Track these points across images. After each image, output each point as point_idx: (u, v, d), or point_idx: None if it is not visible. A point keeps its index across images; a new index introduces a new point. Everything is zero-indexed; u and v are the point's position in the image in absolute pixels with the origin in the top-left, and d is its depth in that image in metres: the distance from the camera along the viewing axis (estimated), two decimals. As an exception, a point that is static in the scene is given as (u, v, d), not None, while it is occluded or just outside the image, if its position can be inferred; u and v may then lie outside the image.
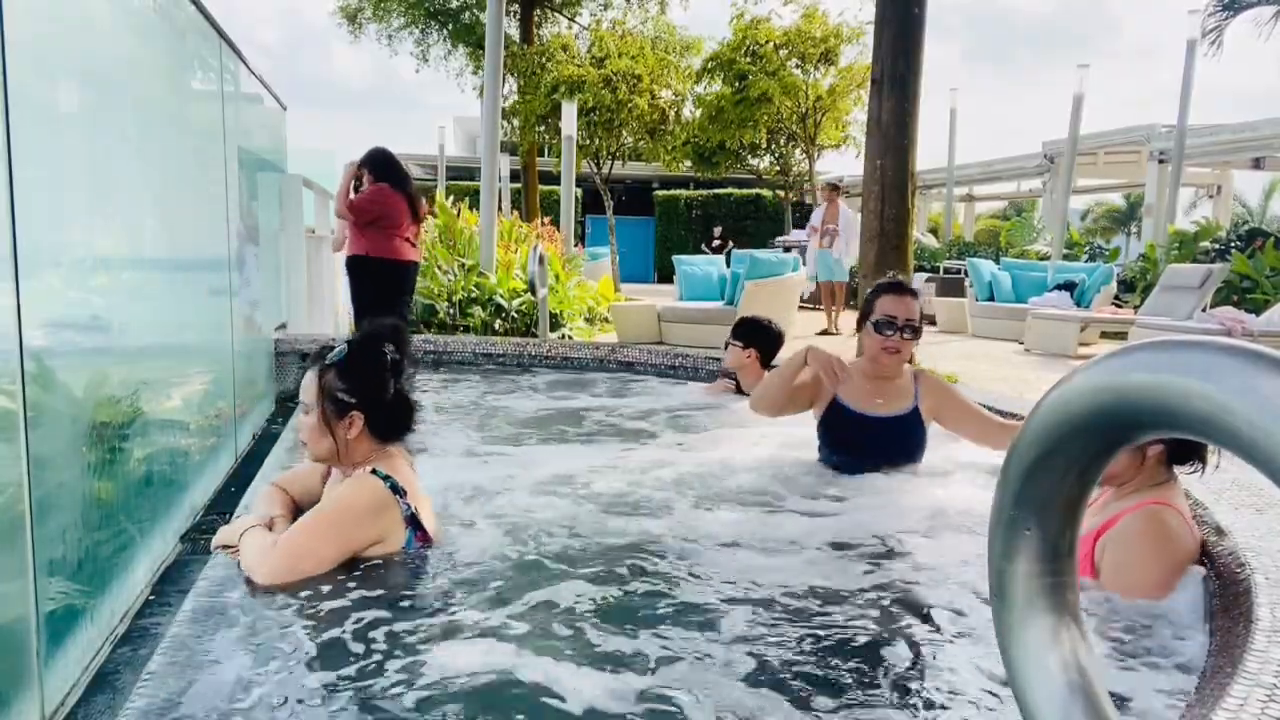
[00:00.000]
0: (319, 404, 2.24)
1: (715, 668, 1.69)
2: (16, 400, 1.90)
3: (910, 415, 3.16)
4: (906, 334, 3.11)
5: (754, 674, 1.68)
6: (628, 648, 1.75)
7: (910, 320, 3.13)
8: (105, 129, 2.73)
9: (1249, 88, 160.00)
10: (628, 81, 19.00)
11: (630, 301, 11.75)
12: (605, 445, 3.65)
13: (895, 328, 3.11)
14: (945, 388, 3.25)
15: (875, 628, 1.90)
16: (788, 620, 1.92)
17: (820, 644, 1.82)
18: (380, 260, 5.78)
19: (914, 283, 10.16)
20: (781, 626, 1.89)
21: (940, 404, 3.20)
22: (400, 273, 5.84)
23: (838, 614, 1.96)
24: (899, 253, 7.86)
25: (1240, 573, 1.84)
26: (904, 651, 1.80)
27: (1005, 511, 0.90)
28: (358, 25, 23.12)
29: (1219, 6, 15.90)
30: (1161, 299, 9.73)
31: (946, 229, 21.78)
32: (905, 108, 7.61)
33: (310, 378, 2.27)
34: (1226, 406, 0.65)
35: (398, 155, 6.13)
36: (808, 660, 1.74)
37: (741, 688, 1.62)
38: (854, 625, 1.91)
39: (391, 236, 5.77)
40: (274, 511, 2.30)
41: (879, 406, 3.15)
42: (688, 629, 1.86)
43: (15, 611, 1.90)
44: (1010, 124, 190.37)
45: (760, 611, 1.96)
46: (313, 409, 2.24)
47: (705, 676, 1.66)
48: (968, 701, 1.60)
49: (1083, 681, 0.90)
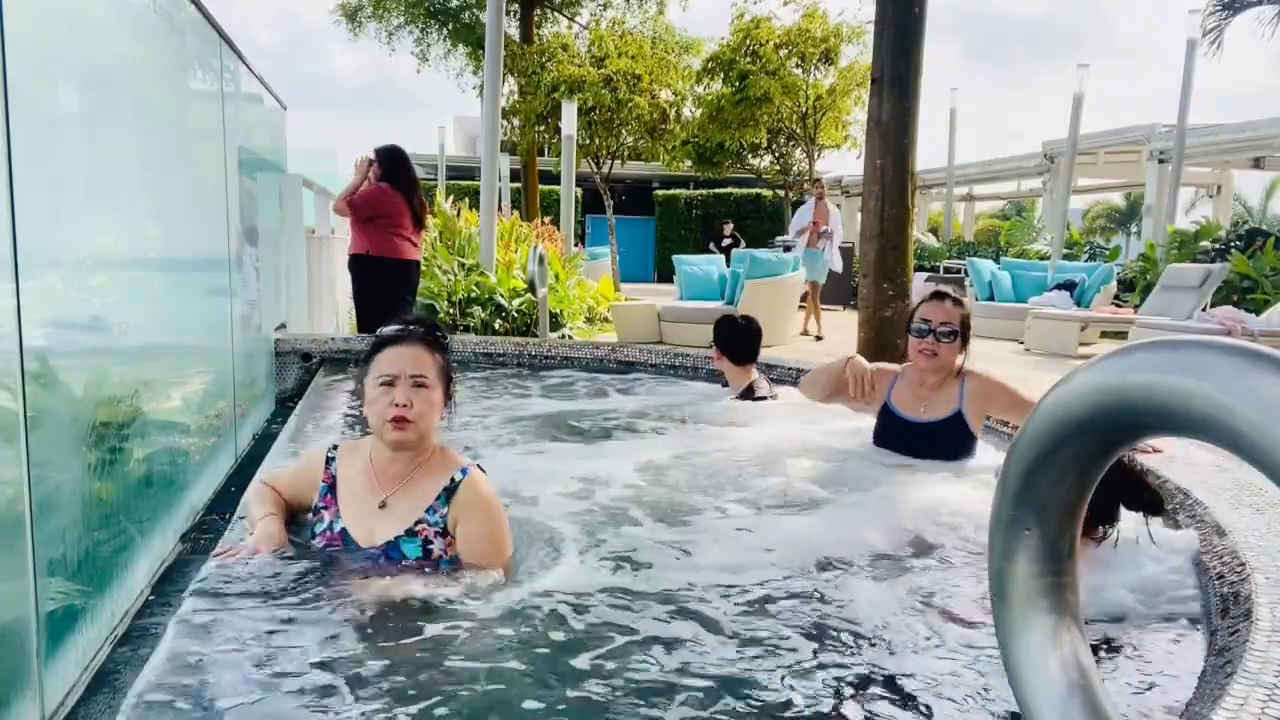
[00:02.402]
0: (443, 380, 2.18)
1: (712, 663, 1.70)
2: (16, 400, 1.90)
3: (950, 420, 3.25)
4: (941, 338, 3.23)
5: (756, 674, 1.68)
6: (633, 647, 1.75)
7: (946, 323, 3.24)
8: (105, 129, 2.74)
9: (1245, 86, 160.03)
10: (628, 81, 18.99)
11: (630, 301, 11.76)
12: (604, 446, 3.65)
13: (929, 330, 3.24)
14: (993, 384, 3.30)
15: (870, 626, 1.90)
16: (782, 619, 1.92)
17: (820, 641, 1.82)
18: (380, 259, 5.80)
19: (914, 283, 10.12)
20: (774, 625, 1.89)
21: (988, 401, 3.29)
22: (401, 271, 5.85)
23: (837, 611, 1.96)
24: (899, 252, 7.86)
25: (1240, 573, 1.84)
26: (903, 650, 1.80)
27: (1005, 511, 0.90)
28: (357, 24, 23.13)
29: (1219, 6, 15.90)
30: (1161, 299, 9.74)
31: (946, 229, 21.78)
32: (905, 107, 7.61)
33: (424, 352, 2.15)
34: (1226, 406, 0.65)
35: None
36: (809, 659, 1.75)
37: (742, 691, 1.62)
38: (851, 623, 1.91)
39: (390, 235, 5.79)
40: (266, 510, 2.22)
41: (921, 412, 3.31)
42: (688, 625, 1.86)
43: (15, 611, 1.90)
44: (1010, 124, 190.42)
45: (754, 608, 1.96)
46: (436, 385, 2.14)
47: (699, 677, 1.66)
48: (968, 700, 1.60)
49: (1083, 681, 0.90)
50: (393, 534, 2.12)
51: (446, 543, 2.12)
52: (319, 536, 2.17)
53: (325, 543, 2.15)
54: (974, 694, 1.62)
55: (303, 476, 2.31)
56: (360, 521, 2.15)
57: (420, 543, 2.11)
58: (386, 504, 2.15)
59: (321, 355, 5.49)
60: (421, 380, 2.11)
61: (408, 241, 5.84)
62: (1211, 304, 9.73)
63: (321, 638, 1.74)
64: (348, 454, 2.26)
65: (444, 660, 1.67)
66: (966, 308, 3.35)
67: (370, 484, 2.18)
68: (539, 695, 1.56)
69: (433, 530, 2.12)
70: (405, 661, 1.66)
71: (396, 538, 2.11)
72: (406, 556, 2.09)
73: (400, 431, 2.10)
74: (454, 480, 2.16)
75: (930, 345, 3.24)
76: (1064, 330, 10.08)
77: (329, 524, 2.17)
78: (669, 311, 9.94)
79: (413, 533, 2.11)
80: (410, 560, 2.09)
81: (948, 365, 3.28)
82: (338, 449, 2.27)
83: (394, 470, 2.18)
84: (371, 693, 1.55)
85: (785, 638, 1.84)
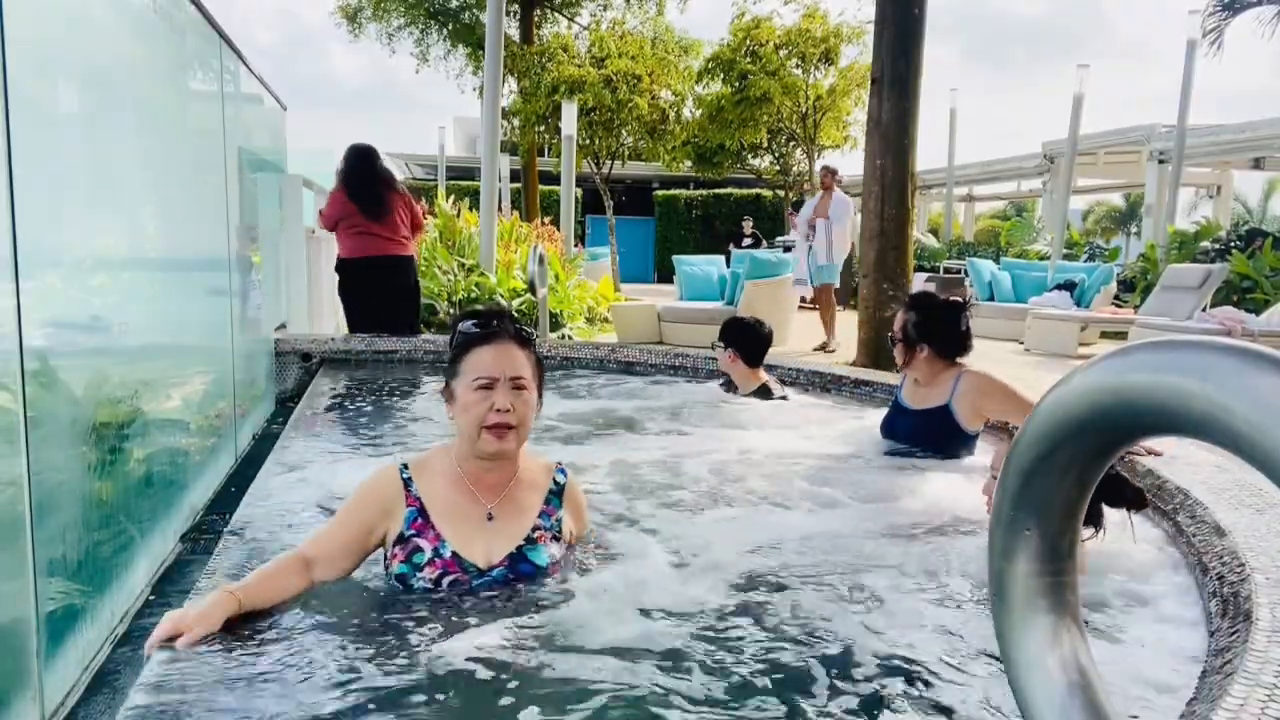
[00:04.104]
0: (537, 379, 2.02)
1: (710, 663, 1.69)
2: (17, 400, 1.90)
3: (938, 411, 3.32)
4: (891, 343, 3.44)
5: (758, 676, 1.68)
6: (641, 640, 1.75)
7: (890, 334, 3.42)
8: (105, 129, 2.74)
9: (1246, 86, 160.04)
10: (628, 81, 19.01)
11: (630, 301, 11.76)
12: (602, 445, 3.64)
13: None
14: (988, 382, 3.31)
15: (870, 625, 1.90)
16: (783, 617, 1.93)
17: (815, 641, 1.82)
18: (346, 260, 5.77)
19: (914, 283, 10.05)
20: (776, 623, 1.89)
21: (983, 398, 3.30)
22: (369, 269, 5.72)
23: (836, 610, 1.96)
24: (899, 253, 7.87)
25: (1240, 573, 1.84)
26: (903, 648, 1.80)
27: (1005, 511, 0.90)
28: (357, 25, 23.11)
29: (1219, 6, 15.91)
30: (1161, 299, 9.74)
31: (946, 229, 21.79)
32: (905, 108, 7.62)
33: (517, 349, 1.98)
34: (1226, 407, 0.65)
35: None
36: (808, 658, 1.75)
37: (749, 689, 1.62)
38: (851, 622, 1.91)
39: (352, 235, 5.69)
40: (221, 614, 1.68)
41: (915, 400, 3.43)
42: (688, 621, 1.86)
43: (15, 611, 1.90)
44: (1010, 124, 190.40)
45: (756, 608, 1.96)
46: (532, 386, 1.98)
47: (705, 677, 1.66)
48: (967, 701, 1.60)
49: (1083, 681, 0.90)
50: (512, 546, 1.95)
51: (563, 546, 2.02)
52: (427, 567, 1.89)
53: (439, 571, 1.89)
54: (974, 694, 1.62)
55: (366, 511, 1.94)
56: (468, 541, 1.93)
57: (543, 549, 1.97)
58: (493, 516, 1.97)
59: (321, 355, 5.49)
60: (521, 382, 1.95)
61: (372, 237, 5.67)
62: (1211, 304, 9.73)
63: (327, 638, 1.73)
64: (424, 471, 2.00)
65: (463, 662, 1.67)
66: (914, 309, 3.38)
67: (469, 498, 1.97)
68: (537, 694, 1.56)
69: (549, 535, 2.00)
70: (411, 662, 1.65)
71: (519, 548, 1.95)
72: (539, 566, 1.95)
73: (502, 441, 1.92)
74: (557, 481, 2.07)
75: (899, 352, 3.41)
76: (1064, 330, 10.08)
77: (434, 551, 1.90)
78: (669, 312, 9.94)
79: (533, 540, 1.97)
80: (543, 566, 1.95)
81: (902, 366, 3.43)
82: (409, 467, 2.00)
83: (493, 480, 1.99)
84: (376, 693, 1.55)
85: (784, 636, 1.84)
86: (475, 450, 1.95)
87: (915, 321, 3.35)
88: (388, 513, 1.94)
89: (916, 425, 3.38)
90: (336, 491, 2.63)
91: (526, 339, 2.02)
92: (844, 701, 1.60)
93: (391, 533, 1.93)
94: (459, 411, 1.95)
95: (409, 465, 2.01)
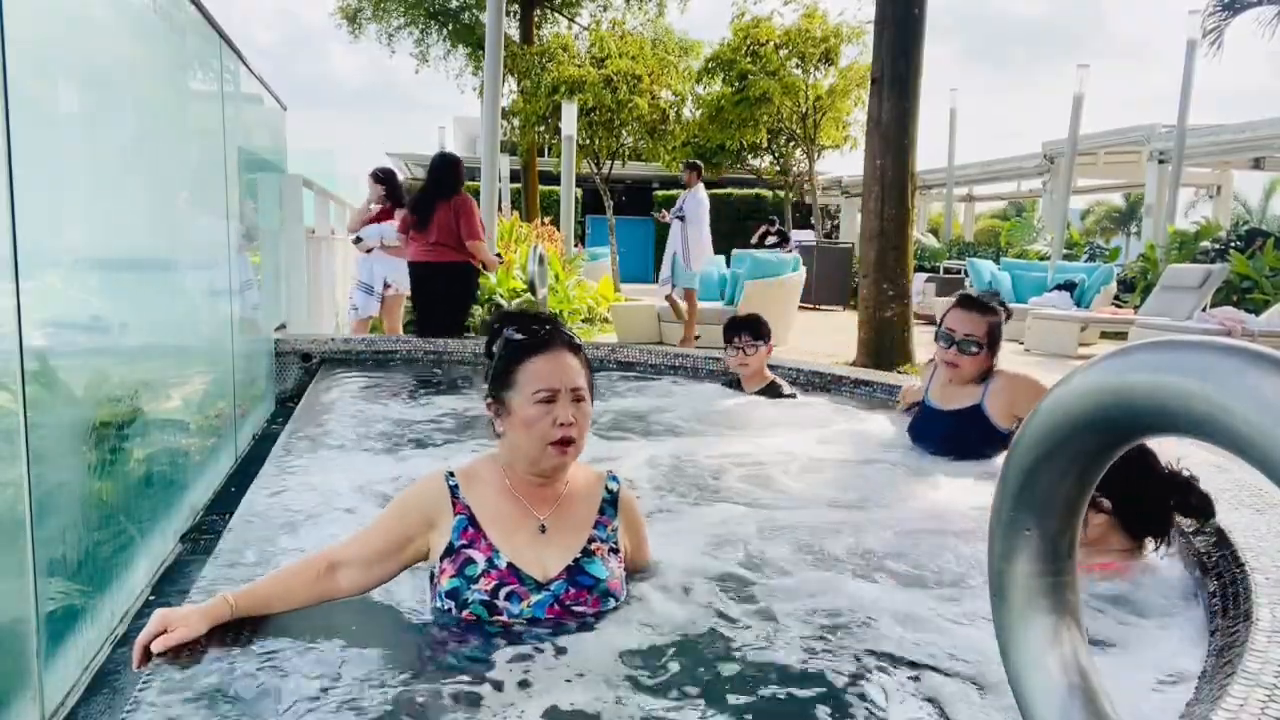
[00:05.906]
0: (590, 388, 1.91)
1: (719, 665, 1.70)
2: (17, 400, 1.90)
3: (970, 411, 3.27)
4: (964, 349, 3.24)
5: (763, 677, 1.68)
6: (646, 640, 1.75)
7: (970, 335, 3.24)
8: (105, 129, 2.74)
9: (1246, 86, 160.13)
10: (628, 82, 19.00)
11: (630, 302, 11.75)
12: (604, 445, 3.64)
13: (951, 341, 3.25)
14: (1021, 382, 3.28)
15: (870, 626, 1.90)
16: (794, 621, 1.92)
17: (816, 639, 1.82)
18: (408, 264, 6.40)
19: (915, 283, 10.05)
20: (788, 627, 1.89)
21: (1014, 400, 3.24)
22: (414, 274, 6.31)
23: (836, 608, 1.96)
24: (899, 253, 7.87)
25: (1240, 573, 1.84)
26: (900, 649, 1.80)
27: (1005, 511, 0.90)
28: (357, 25, 23.11)
29: (1219, 7, 15.91)
30: (1161, 299, 9.74)
31: (946, 229, 21.79)
32: (905, 108, 7.63)
33: (572, 358, 1.88)
34: (1225, 407, 0.65)
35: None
36: (809, 657, 1.74)
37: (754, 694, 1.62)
38: (851, 621, 1.91)
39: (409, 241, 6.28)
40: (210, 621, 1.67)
41: (947, 402, 3.36)
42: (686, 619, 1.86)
43: (15, 611, 1.90)
44: (1010, 124, 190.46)
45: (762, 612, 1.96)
46: (588, 397, 1.89)
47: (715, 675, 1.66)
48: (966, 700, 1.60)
49: (1083, 681, 0.90)
50: (569, 558, 1.86)
51: (619, 558, 1.94)
52: (481, 579, 1.79)
53: (495, 583, 1.79)
54: (973, 694, 1.62)
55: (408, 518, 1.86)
56: (523, 552, 1.83)
57: (600, 562, 1.88)
58: (546, 528, 1.88)
59: (321, 355, 5.49)
60: (580, 393, 1.86)
61: (417, 244, 6.20)
62: (1211, 304, 9.74)
63: (328, 640, 1.73)
64: (471, 480, 1.90)
65: (466, 663, 1.66)
66: (999, 313, 3.31)
67: (521, 510, 1.88)
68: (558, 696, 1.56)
69: (606, 546, 1.91)
70: (413, 662, 1.65)
71: (576, 560, 1.86)
72: (598, 579, 1.85)
73: (564, 455, 1.84)
74: (610, 489, 1.99)
75: (952, 356, 3.26)
76: (1064, 331, 10.08)
77: (489, 562, 1.80)
78: (669, 312, 9.94)
79: (589, 552, 1.88)
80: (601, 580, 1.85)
81: (969, 376, 3.28)
82: (455, 475, 1.91)
83: (547, 491, 1.91)
84: (378, 693, 1.55)
85: (785, 633, 1.83)
86: (537, 466, 1.87)
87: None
88: (431, 523, 1.84)
89: (948, 427, 3.31)
90: (337, 491, 2.63)
91: (578, 346, 1.93)
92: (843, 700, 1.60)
93: (437, 546, 1.83)
94: (518, 426, 1.84)
95: (455, 473, 1.92)
